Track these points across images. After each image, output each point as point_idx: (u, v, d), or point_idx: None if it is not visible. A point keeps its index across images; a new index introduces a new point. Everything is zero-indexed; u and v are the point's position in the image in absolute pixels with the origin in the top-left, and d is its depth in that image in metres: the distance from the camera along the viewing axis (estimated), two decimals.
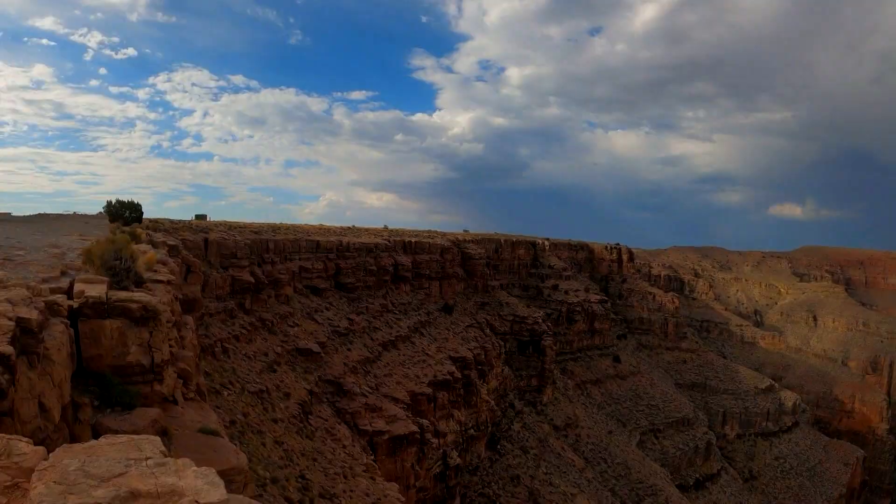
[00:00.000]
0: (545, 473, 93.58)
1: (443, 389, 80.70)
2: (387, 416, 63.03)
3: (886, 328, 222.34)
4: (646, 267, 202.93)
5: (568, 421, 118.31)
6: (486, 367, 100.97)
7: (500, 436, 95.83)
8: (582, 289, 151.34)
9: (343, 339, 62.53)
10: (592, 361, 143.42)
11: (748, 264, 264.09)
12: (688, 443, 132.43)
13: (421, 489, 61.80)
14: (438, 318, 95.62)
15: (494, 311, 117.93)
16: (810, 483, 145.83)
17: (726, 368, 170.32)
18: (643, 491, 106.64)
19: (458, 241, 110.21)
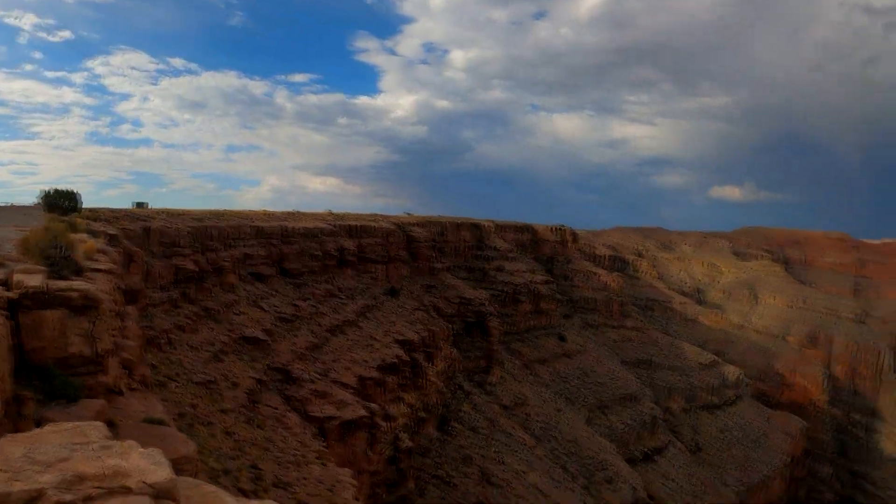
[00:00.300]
0: (496, 452, 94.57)
1: (391, 373, 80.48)
2: (336, 402, 62.58)
3: (824, 304, 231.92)
4: (590, 247, 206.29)
5: (516, 400, 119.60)
6: (433, 349, 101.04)
7: (449, 417, 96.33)
8: (527, 270, 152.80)
9: (289, 326, 61.73)
10: (539, 341, 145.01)
11: (690, 244, 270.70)
12: (635, 418, 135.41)
13: (374, 473, 61.66)
14: (384, 301, 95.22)
15: (440, 294, 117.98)
16: (755, 453, 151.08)
17: (670, 345, 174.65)
18: (593, 466, 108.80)
19: (403, 224, 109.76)
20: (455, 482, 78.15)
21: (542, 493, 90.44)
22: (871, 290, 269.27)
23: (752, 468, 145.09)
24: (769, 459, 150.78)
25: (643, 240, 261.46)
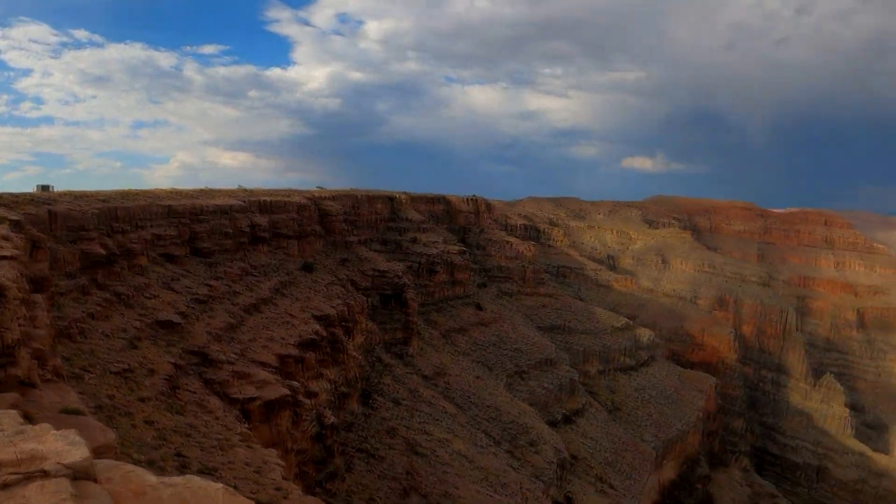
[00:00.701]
0: (420, 423, 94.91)
1: (310, 349, 79.12)
2: (256, 382, 60.93)
3: (731, 269, 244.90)
4: (504, 218, 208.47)
5: (436, 370, 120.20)
6: (350, 323, 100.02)
7: (371, 390, 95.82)
8: (441, 241, 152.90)
9: (204, 307, 59.44)
10: (455, 311, 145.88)
11: (601, 213, 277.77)
12: (553, 382, 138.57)
13: (300, 452, 60.60)
14: (299, 277, 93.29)
15: (355, 267, 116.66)
16: (670, 410, 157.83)
17: (584, 310, 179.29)
18: (515, 430, 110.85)
19: (316, 198, 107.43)
20: (381, 454, 77.98)
21: (467, 460, 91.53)
22: (775, 255, 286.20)
23: (668, 424, 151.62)
24: (684, 415, 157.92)
25: (556, 209, 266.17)
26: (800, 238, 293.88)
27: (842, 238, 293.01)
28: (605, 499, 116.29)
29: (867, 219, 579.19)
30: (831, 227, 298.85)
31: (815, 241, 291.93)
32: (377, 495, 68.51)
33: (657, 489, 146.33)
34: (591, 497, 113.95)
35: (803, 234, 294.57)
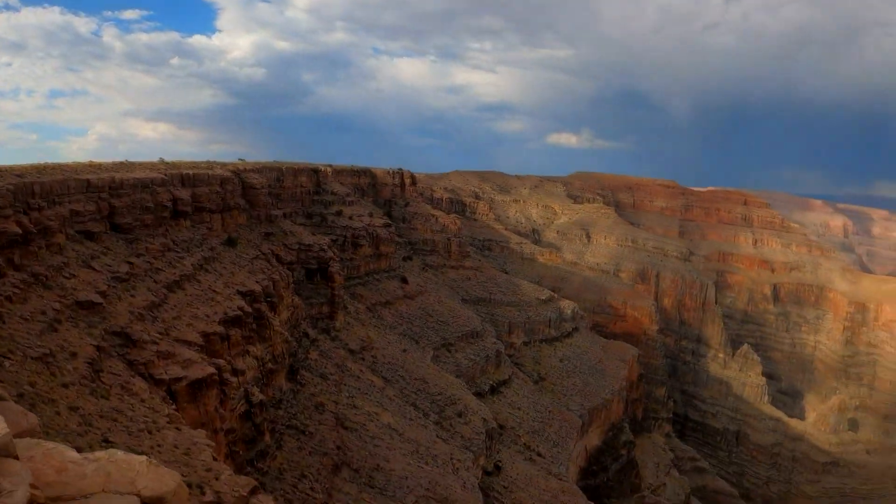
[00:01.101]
0: (348, 397, 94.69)
1: (235, 326, 77.41)
2: (182, 362, 59.29)
3: (652, 244, 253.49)
4: (428, 191, 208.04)
5: (363, 344, 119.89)
6: (275, 298, 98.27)
7: (298, 366, 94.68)
8: (366, 214, 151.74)
9: (125, 286, 57.14)
10: (381, 284, 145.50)
11: (526, 187, 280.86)
12: (479, 353, 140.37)
13: (229, 431, 59.57)
14: (223, 252, 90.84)
15: (280, 241, 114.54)
16: (594, 379, 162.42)
17: (509, 283, 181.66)
18: (443, 402, 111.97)
19: (239, 171, 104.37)
20: (310, 430, 77.46)
21: (396, 433, 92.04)
22: (695, 232, 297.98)
23: (592, 393, 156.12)
24: (608, 384, 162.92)
25: (482, 183, 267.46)
26: (719, 216, 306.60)
27: (760, 217, 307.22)
28: (533, 466, 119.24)
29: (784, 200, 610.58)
30: (750, 207, 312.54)
31: (734, 220, 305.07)
32: (308, 472, 68.16)
33: (583, 455, 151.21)
34: (520, 465, 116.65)
35: (723, 213, 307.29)
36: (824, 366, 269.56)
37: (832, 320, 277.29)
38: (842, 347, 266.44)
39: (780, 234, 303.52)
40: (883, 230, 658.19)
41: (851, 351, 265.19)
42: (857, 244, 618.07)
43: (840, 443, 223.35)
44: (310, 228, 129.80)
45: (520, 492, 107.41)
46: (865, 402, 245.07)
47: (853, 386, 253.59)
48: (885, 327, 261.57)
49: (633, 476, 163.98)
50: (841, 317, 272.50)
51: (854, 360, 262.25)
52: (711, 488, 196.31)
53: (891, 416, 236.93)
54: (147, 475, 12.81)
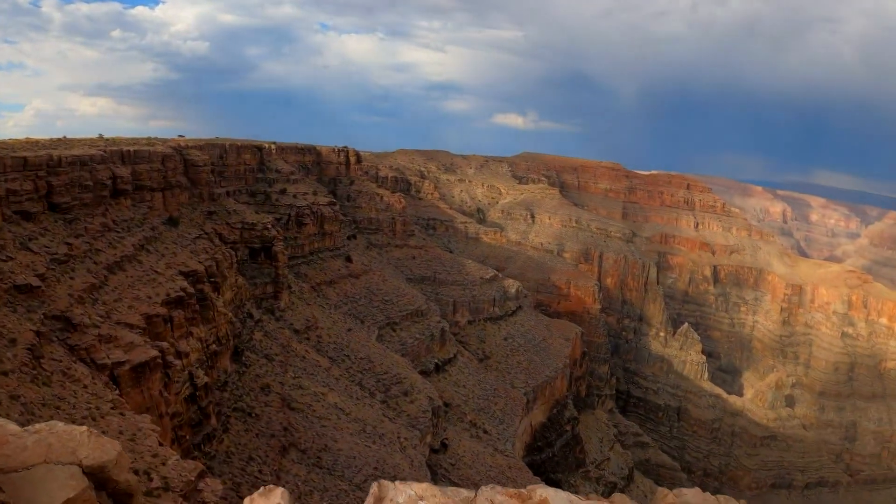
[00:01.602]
0: (294, 378, 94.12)
1: (178, 307, 76.06)
2: (124, 345, 58.07)
3: (596, 225, 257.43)
4: (373, 169, 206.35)
5: (307, 324, 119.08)
6: (219, 278, 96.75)
7: (243, 347, 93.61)
8: (310, 192, 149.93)
9: (64, 268, 55.40)
10: (325, 263, 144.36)
11: (472, 167, 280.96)
12: (424, 332, 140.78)
13: (174, 415, 58.65)
14: (164, 232, 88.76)
15: (223, 220, 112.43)
16: (538, 357, 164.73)
17: (453, 262, 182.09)
18: (389, 381, 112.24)
19: (181, 147, 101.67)
20: (257, 412, 76.91)
21: (343, 412, 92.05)
22: (638, 214, 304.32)
23: (536, 371, 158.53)
24: (551, 362, 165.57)
25: (427, 162, 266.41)
26: (662, 199, 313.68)
27: (702, 201, 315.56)
28: (479, 443, 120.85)
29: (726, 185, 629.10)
30: (692, 191, 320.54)
31: (676, 203, 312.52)
32: (256, 454, 67.74)
33: (529, 432, 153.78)
34: (467, 442, 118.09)
35: (666, 196, 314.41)
36: (762, 345, 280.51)
37: (770, 301, 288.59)
38: (779, 327, 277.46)
39: (721, 218, 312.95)
40: (820, 217, 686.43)
41: (788, 331, 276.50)
42: (795, 229, 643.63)
43: (777, 418, 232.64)
44: (253, 207, 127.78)
45: (467, 468, 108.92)
46: (801, 380, 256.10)
47: (790, 364, 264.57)
48: (821, 309, 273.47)
49: (577, 451, 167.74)
50: (778, 298, 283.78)
51: (791, 340, 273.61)
52: (654, 462, 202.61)
53: (826, 393, 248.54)
54: (88, 445, 13.17)
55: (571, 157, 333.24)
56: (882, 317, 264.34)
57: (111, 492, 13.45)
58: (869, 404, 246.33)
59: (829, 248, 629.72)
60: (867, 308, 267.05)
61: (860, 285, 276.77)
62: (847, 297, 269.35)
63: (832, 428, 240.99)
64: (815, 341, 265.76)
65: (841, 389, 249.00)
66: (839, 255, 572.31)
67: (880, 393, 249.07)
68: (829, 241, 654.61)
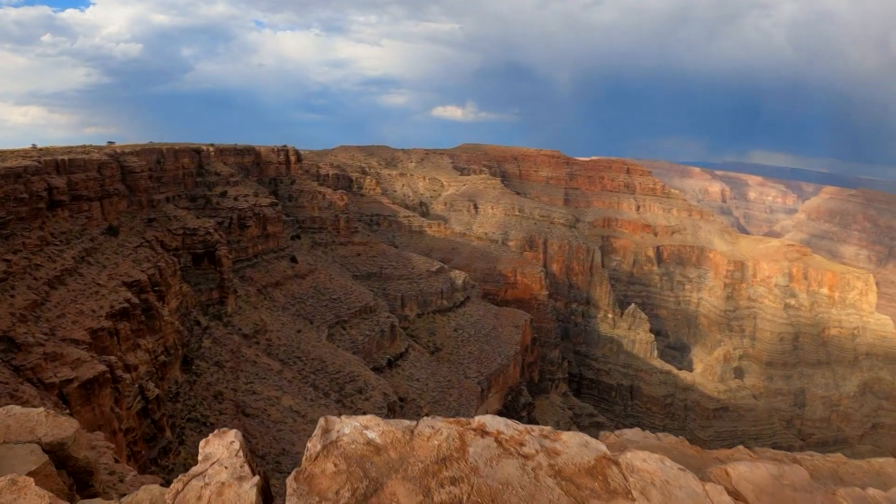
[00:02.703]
0: (246, 383, 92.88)
1: (123, 319, 74.43)
2: (71, 362, 56.55)
3: (539, 212, 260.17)
4: (314, 167, 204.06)
5: (256, 328, 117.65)
6: (163, 287, 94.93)
7: (192, 356, 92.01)
8: (251, 193, 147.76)
9: (3, 286, 53.49)
10: (270, 265, 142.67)
11: (413, 161, 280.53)
12: (373, 328, 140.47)
13: (128, 431, 57.32)
14: (104, 242, 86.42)
15: (163, 227, 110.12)
16: (489, 346, 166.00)
17: (399, 256, 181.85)
18: (342, 379, 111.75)
19: (117, 154, 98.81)
20: (211, 421, 75.70)
21: (298, 415, 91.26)
22: (580, 199, 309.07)
23: (488, 360, 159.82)
24: (503, 350, 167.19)
25: (368, 158, 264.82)
26: (603, 184, 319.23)
27: (642, 184, 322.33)
28: None
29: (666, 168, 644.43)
30: (632, 175, 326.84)
31: (617, 187, 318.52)
32: None
33: None
34: None
35: (606, 181, 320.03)
36: (708, 320, 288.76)
37: (713, 278, 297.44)
38: (723, 303, 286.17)
39: (662, 200, 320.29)
40: (758, 195, 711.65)
41: (732, 306, 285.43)
42: (734, 208, 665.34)
43: (727, 390, 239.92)
44: (194, 211, 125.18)
45: None
46: (748, 352, 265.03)
47: (736, 338, 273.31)
48: (763, 283, 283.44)
49: None
50: (721, 275, 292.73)
51: (736, 314, 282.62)
52: None
53: (772, 363, 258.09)
54: (46, 424, 13.41)
55: (512, 147, 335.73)
56: (822, 287, 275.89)
57: (71, 470, 13.77)
58: (815, 371, 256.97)
59: (767, 224, 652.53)
60: (808, 279, 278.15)
61: (800, 258, 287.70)
62: (788, 270, 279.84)
63: (781, 396, 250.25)
64: (760, 314, 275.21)
65: (787, 359, 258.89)
66: (778, 230, 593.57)
67: (825, 359, 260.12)
68: (768, 217, 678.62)
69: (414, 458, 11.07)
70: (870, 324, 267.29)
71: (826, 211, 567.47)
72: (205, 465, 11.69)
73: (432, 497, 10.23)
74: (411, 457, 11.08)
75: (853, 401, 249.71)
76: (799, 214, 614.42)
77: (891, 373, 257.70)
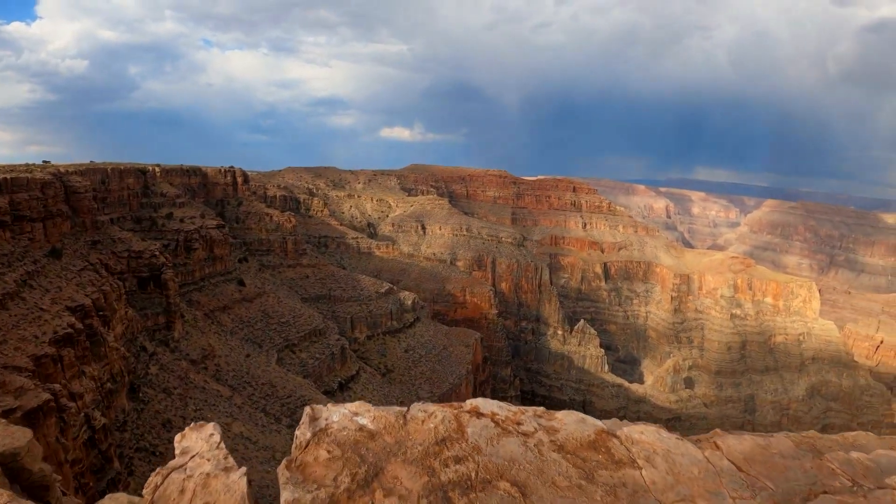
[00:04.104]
0: (195, 410, 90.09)
1: (67, 345, 71.54)
2: (13, 391, 53.90)
3: (486, 232, 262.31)
4: (261, 189, 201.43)
5: (204, 353, 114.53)
6: (108, 312, 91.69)
7: (139, 383, 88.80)
8: (198, 215, 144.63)
9: None
10: (217, 288, 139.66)
11: (360, 182, 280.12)
12: (323, 351, 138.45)
13: (74, 462, 54.74)
14: (47, 265, 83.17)
15: (108, 249, 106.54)
16: (440, 366, 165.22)
17: (347, 278, 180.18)
18: (293, 404, 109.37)
19: (61, 173, 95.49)
20: (161, 450, 72.95)
21: (250, 441, 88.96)
22: (528, 218, 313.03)
23: (440, 380, 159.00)
24: (454, 370, 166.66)
25: (316, 179, 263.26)
26: (550, 203, 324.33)
27: (588, 202, 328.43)
28: None
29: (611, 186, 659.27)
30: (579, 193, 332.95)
31: (564, 206, 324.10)
32: None
33: None
34: None
35: (553, 199, 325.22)
36: (657, 333, 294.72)
37: (660, 292, 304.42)
38: (671, 315, 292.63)
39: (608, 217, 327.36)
40: (701, 210, 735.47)
41: (680, 318, 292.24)
42: (679, 223, 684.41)
43: (679, 400, 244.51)
44: (139, 234, 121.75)
45: None
46: (697, 362, 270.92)
47: (685, 349, 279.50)
48: (709, 295, 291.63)
49: None
50: (668, 288, 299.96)
51: (683, 326, 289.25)
52: None
53: (721, 371, 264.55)
54: None
55: (459, 167, 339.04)
56: (767, 296, 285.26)
57: (26, 484, 13.05)
58: (763, 377, 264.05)
59: (711, 237, 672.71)
60: (752, 290, 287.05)
61: (744, 269, 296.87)
62: (732, 282, 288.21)
63: (732, 403, 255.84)
64: (707, 325, 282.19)
65: (735, 367, 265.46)
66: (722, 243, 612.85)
67: (773, 366, 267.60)
68: (712, 231, 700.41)
69: (411, 441, 11.19)
70: (814, 330, 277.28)
71: (768, 223, 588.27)
72: (184, 459, 11.51)
73: (439, 477, 10.27)
74: (408, 440, 11.21)
75: (802, 404, 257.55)
76: (742, 227, 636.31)
77: (837, 375, 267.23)
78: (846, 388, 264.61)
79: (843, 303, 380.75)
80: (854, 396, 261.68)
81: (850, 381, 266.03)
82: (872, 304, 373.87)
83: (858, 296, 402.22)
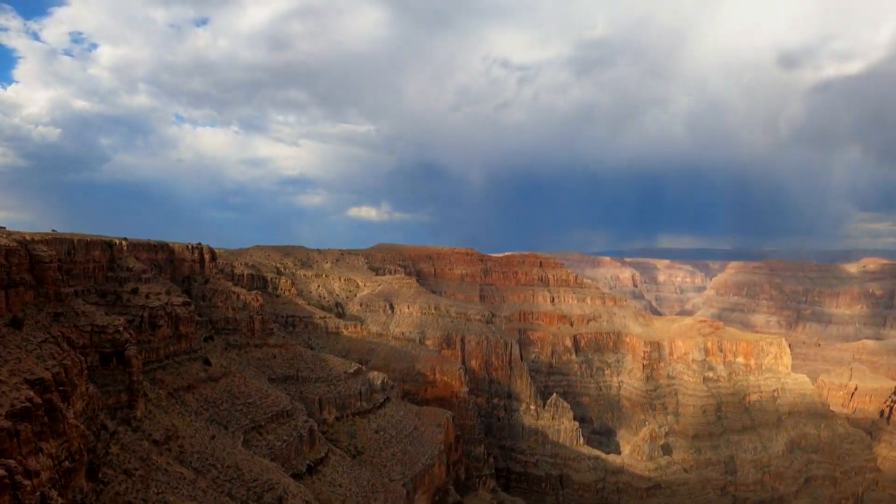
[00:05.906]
0: (157, 493, 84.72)
1: (24, 420, 67.19)
2: None
3: (455, 310, 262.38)
4: (229, 267, 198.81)
5: (167, 433, 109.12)
6: (68, 387, 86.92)
7: (98, 463, 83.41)
8: (164, 291, 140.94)
9: None
10: (182, 367, 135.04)
11: (328, 261, 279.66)
12: (291, 433, 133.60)
13: None
14: (7, 335, 79.35)
15: (71, 322, 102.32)
16: (412, 447, 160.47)
17: (315, 358, 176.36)
18: (260, 488, 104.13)
19: (27, 241, 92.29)
20: None
21: None
22: (496, 295, 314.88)
23: (412, 461, 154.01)
24: (426, 450, 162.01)
25: (284, 258, 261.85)
26: (517, 278, 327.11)
27: (555, 276, 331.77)
28: None
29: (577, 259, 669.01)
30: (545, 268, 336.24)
31: (531, 281, 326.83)
32: None
33: None
34: None
35: (520, 275, 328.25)
36: (631, 402, 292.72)
37: (632, 361, 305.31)
38: (644, 384, 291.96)
39: (576, 289, 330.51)
40: (667, 277, 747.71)
41: (653, 385, 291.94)
42: (645, 291, 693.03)
43: (657, 467, 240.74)
44: (104, 308, 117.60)
45: None
46: (674, 428, 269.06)
47: (660, 415, 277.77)
48: (681, 360, 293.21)
49: None
50: (639, 357, 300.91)
51: (657, 393, 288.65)
52: None
53: (699, 435, 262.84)
54: None
55: (426, 246, 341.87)
56: (738, 356, 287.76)
57: None
58: (741, 437, 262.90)
59: (679, 303, 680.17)
60: (723, 351, 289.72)
61: (713, 332, 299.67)
62: (703, 345, 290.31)
63: (712, 465, 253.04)
64: (681, 390, 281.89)
65: (712, 429, 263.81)
66: (690, 308, 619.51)
67: (750, 425, 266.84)
68: (679, 297, 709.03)
69: None
70: (788, 384, 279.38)
71: (733, 285, 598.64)
72: None
73: None
74: None
75: (783, 459, 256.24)
76: (708, 291, 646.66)
77: (815, 426, 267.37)
78: (825, 438, 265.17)
79: (815, 355, 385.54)
80: (834, 445, 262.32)
81: (828, 431, 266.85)
82: (843, 353, 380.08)
83: (828, 346, 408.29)
